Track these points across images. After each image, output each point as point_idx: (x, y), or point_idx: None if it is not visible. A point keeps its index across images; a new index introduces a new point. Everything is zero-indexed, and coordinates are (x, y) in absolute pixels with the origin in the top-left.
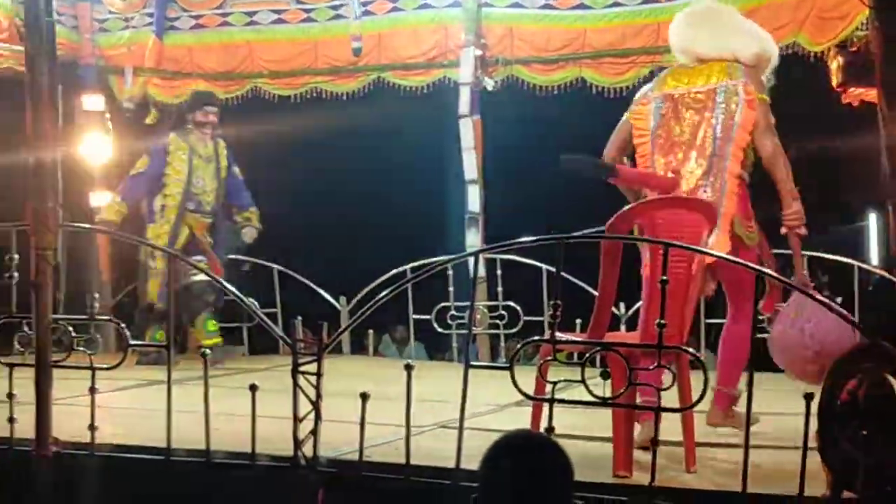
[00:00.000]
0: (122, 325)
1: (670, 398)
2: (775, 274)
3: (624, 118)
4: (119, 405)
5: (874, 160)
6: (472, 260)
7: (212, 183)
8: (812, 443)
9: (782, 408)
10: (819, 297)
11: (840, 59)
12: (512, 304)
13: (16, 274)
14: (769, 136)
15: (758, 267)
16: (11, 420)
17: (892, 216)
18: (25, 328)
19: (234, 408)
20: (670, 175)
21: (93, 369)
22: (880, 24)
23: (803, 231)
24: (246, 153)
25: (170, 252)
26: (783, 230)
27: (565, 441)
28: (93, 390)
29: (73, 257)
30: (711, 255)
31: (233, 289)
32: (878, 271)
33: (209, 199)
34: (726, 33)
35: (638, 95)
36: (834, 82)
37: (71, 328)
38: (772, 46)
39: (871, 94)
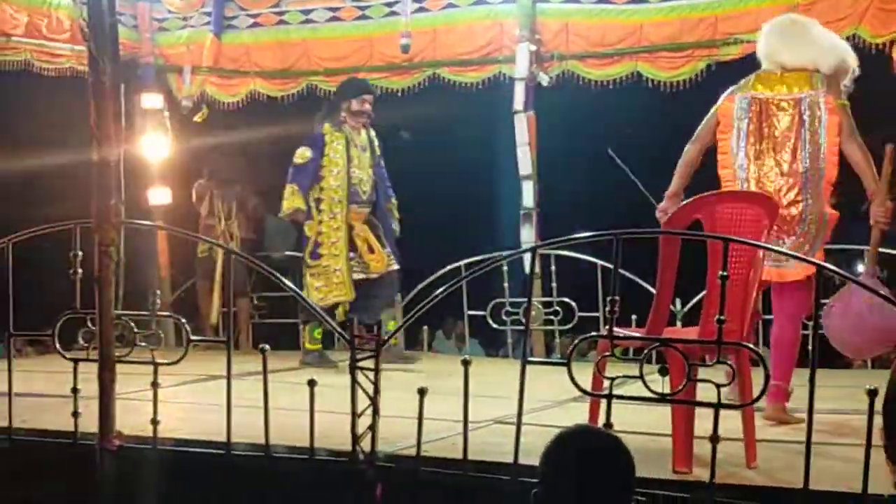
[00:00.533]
0: (183, 320)
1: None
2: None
3: (711, 113)
4: (180, 400)
5: None
6: (528, 256)
7: (367, 172)
8: (876, 439)
9: (844, 404)
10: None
11: None
12: (566, 299)
13: (80, 270)
14: (854, 139)
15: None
16: (76, 414)
17: None
18: (89, 324)
19: (293, 403)
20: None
21: (155, 364)
22: None
23: (886, 227)
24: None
25: (229, 250)
26: (871, 222)
27: (623, 437)
28: (155, 385)
29: (132, 254)
30: (770, 249)
31: (292, 286)
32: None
33: (366, 189)
34: (808, 45)
35: (725, 94)
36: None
37: (133, 324)
38: (850, 57)
39: None
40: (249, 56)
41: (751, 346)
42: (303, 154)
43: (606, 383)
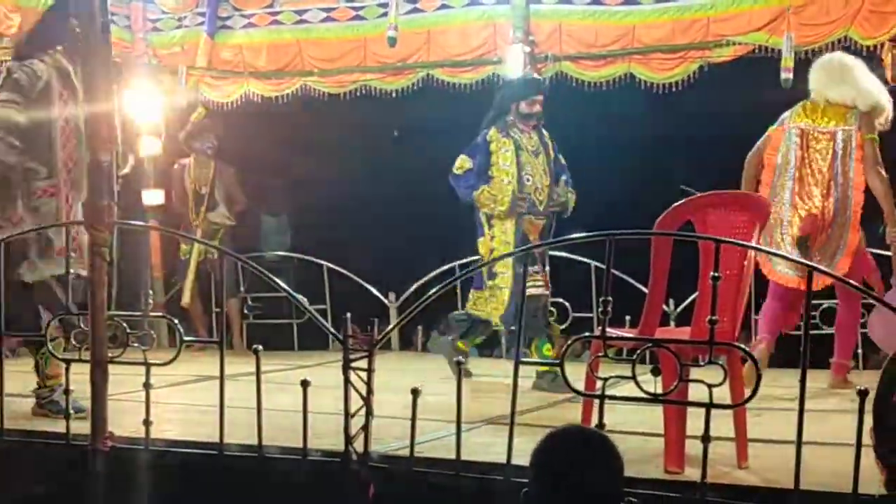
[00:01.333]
0: (175, 321)
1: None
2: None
3: (767, 135)
4: (173, 401)
5: None
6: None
7: (543, 179)
8: (867, 440)
9: (835, 404)
10: None
11: (894, 53)
12: (560, 300)
13: (72, 270)
14: (875, 170)
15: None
16: (68, 415)
17: None
18: (81, 324)
19: (286, 403)
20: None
21: (147, 365)
22: None
23: None
24: (295, 151)
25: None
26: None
27: (616, 437)
28: (147, 386)
29: (125, 255)
30: (760, 250)
31: (284, 285)
32: None
33: (542, 198)
34: (850, 84)
35: (778, 121)
36: (888, 76)
37: (125, 324)
38: (886, 99)
39: None
40: (243, 56)
41: (742, 346)
42: (461, 164)
43: (599, 384)
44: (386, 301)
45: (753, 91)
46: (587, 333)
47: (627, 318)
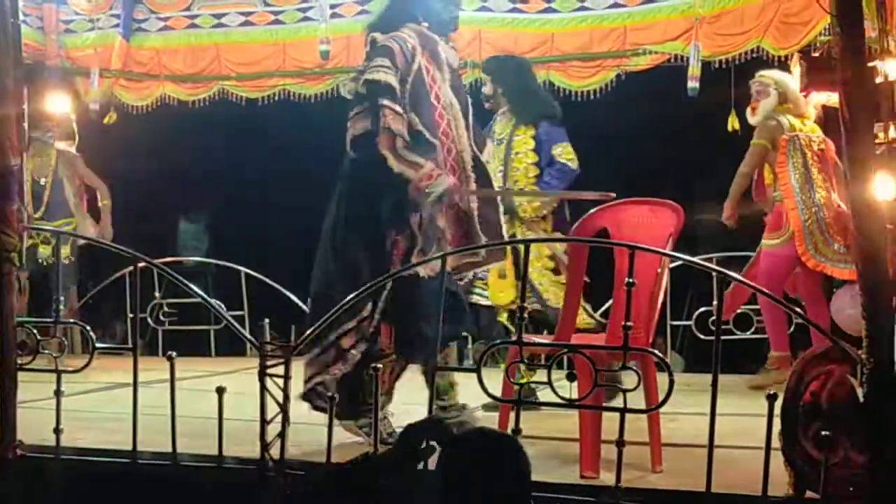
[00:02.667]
0: (88, 327)
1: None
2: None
3: (755, 145)
4: (86, 408)
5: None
6: (438, 263)
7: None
8: (776, 443)
9: (746, 408)
10: None
11: (803, 64)
12: None
13: None
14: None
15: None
16: None
17: (853, 218)
18: None
19: (202, 410)
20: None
21: (58, 372)
22: (841, 30)
23: None
24: (212, 155)
25: None
26: None
27: (533, 442)
28: (58, 393)
29: (38, 259)
30: (672, 256)
31: (199, 291)
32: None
33: None
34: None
35: (767, 124)
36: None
37: (35, 331)
38: None
39: (834, 100)
40: (159, 59)
41: (656, 352)
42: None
43: (516, 389)
44: (305, 307)
45: (669, 99)
46: (503, 340)
47: None
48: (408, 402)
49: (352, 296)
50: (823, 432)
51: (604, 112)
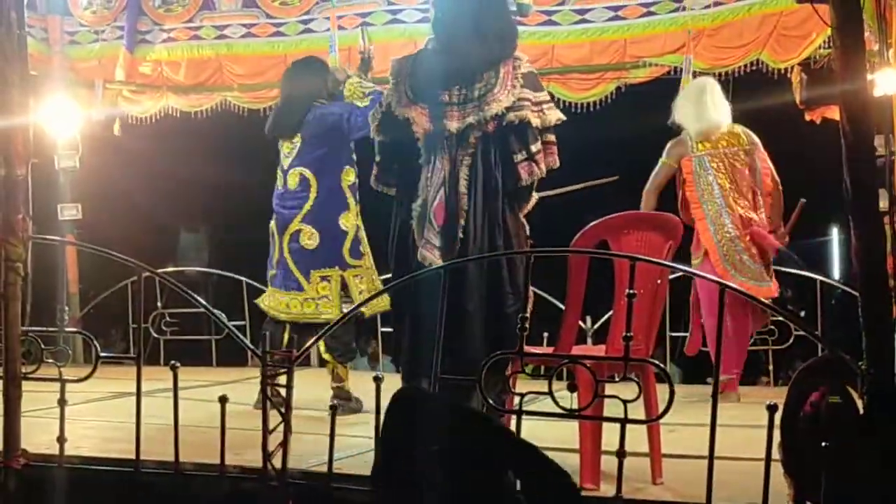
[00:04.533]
0: (91, 337)
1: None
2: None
3: (663, 163)
4: (89, 417)
5: (836, 176)
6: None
7: None
8: (776, 454)
9: (746, 419)
10: None
11: (802, 77)
12: None
13: None
14: (777, 182)
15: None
16: None
17: (854, 230)
18: None
19: (205, 420)
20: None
21: (62, 381)
22: (841, 43)
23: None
24: (214, 165)
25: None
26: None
27: None
28: (62, 402)
29: (40, 269)
30: (673, 267)
31: (201, 300)
32: (840, 286)
33: None
34: (723, 104)
35: (676, 149)
36: (797, 99)
37: (40, 340)
38: None
39: (833, 112)
40: (162, 71)
41: (656, 362)
42: None
43: (517, 400)
44: None
45: (668, 112)
46: (504, 351)
47: (545, 335)
48: None
49: (355, 305)
50: (823, 443)
51: (604, 123)
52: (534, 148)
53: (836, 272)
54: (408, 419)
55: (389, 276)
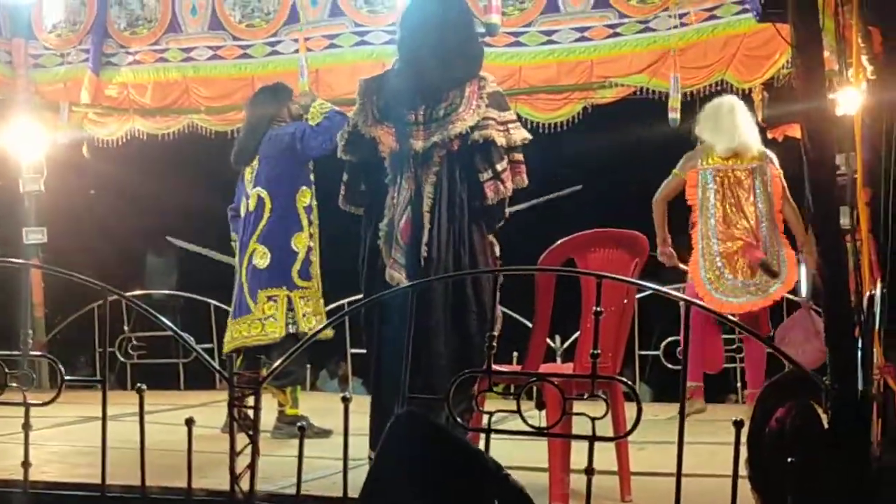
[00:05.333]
0: (56, 360)
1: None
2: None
3: (674, 175)
4: (54, 442)
5: (800, 194)
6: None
7: None
8: (743, 470)
9: (714, 436)
10: None
11: (764, 95)
12: None
13: None
14: (789, 201)
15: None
16: None
17: (817, 247)
18: None
19: (171, 443)
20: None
21: (26, 405)
22: (802, 62)
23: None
24: (180, 188)
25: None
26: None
27: None
28: (26, 426)
29: (5, 293)
30: (640, 285)
31: (169, 323)
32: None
33: None
34: (748, 126)
35: (689, 162)
36: (759, 117)
37: (3, 364)
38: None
39: (795, 130)
40: (129, 94)
41: (624, 380)
42: None
43: (485, 419)
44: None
45: (634, 131)
46: (472, 370)
47: (514, 354)
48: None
49: (321, 326)
50: (789, 459)
51: (571, 143)
52: (499, 166)
53: (803, 290)
54: (406, 444)
55: (342, 301)
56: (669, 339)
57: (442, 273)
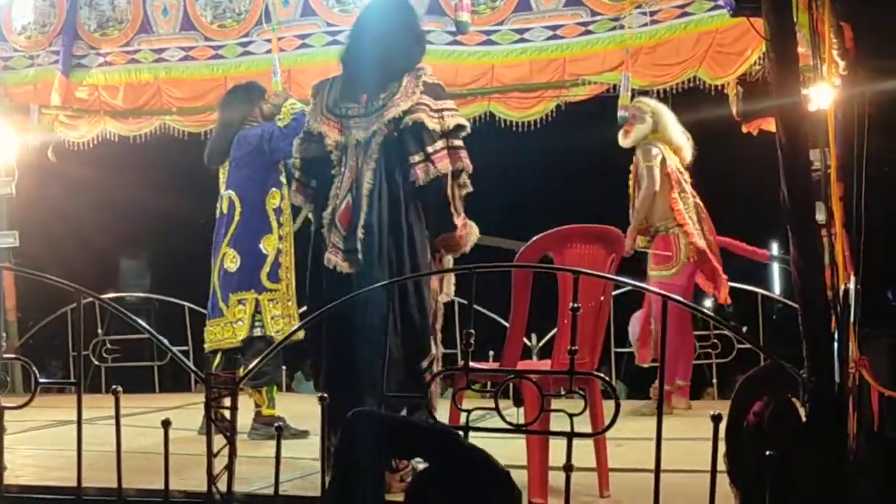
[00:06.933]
0: (29, 362)
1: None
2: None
3: (654, 166)
4: (29, 446)
5: (775, 189)
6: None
7: None
8: (721, 465)
9: (691, 432)
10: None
11: (739, 90)
12: None
13: None
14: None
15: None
16: None
17: (792, 242)
18: None
19: (148, 445)
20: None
21: (0, 409)
22: (776, 55)
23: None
24: (153, 190)
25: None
26: None
27: None
28: (0, 430)
29: None
30: (619, 281)
31: (144, 325)
32: (780, 299)
33: None
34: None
35: (650, 150)
36: (734, 111)
37: None
38: None
39: (770, 124)
40: (99, 95)
41: (602, 375)
42: None
43: (463, 416)
44: None
45: (608, 129)
46: (450, 367)
47: (491, 352)
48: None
49: (297, 326)
50: (766, 452)
51: (544, 141)
52: (430, 149)
53: (777, 287)
54: (364, 440)
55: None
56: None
57: (379, 256)
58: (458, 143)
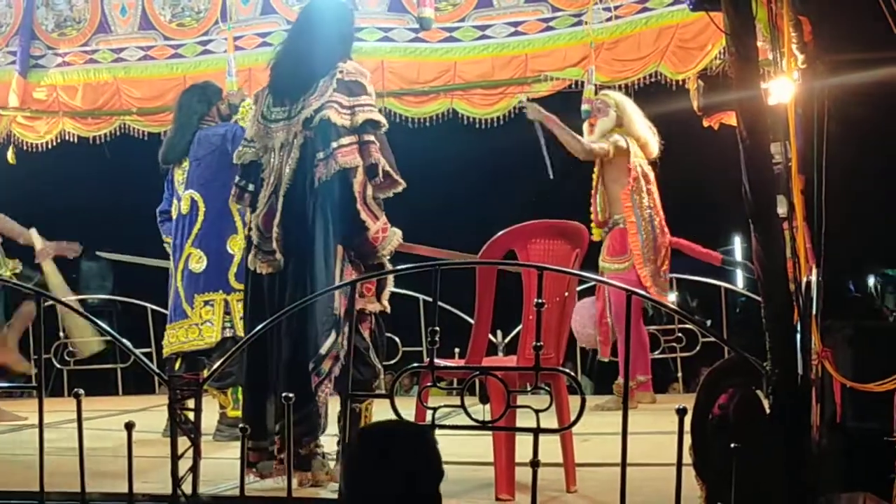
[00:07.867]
0: None
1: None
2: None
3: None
4: None
5: (737, 183)
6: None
7: None
8: (687, 458)
9: (657, 425)
10: None
11: (700, 84)
12: (389, 334)
13: None
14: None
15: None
16: None
17: (754, 235)
18: None
19: (111, 448)
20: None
21: None
22: (736, 49)
23: None
24: (114, 191)
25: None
26: None
27: (448, 467)
28: None
29: None
30: (582, 276)
31: (106, 327)
32: (743, 292)
33: None
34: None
35: (618, 143)
36: (694, 106)
37: None
38: None
39: (730, 117)
40: (58, 96)
41: (568, 371)
42: None
43: (429, 414)
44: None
45: (571, 124)
46: (415, 364)
47: (457, 350)
48: None
49: (260, 326)
50: (731, 445)
51: (506, 138)
52: (335, 144)
53: (740, 281)
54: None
55: None
56: None
57: (294, 256)
58: (370, 137)
